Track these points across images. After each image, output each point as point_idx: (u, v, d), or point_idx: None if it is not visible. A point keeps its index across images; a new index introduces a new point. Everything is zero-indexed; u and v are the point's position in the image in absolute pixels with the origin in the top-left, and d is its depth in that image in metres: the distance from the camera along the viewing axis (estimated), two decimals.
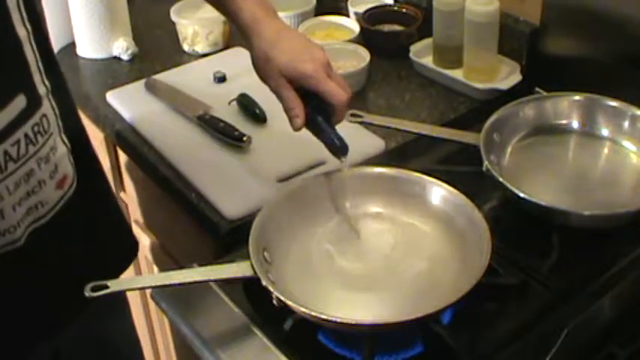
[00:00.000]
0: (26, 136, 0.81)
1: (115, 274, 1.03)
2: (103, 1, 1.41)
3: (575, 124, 1.14)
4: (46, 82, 0.85)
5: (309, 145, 1.00)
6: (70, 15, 1.44)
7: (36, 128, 0.82)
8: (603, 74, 1.19)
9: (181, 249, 1.30)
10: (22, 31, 0.80)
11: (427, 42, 1.38)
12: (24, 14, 0.80)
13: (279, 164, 1.13)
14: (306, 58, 0.95)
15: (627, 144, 1.11)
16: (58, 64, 0.94)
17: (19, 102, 0.80)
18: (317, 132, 0.99)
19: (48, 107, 0.85)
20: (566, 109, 1.14)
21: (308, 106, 0.97)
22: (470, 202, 0.95)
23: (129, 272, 1.43)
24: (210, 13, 1.46)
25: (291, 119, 0.97)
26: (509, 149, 1.11)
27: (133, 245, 1.11)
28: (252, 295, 0.92)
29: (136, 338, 1.21)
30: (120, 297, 1.13)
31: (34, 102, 0.82)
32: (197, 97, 1.29)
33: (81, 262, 0.94)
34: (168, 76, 1.36)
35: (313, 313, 0.82)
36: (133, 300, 1.40)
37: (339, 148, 0.98)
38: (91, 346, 1.05)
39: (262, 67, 0.98)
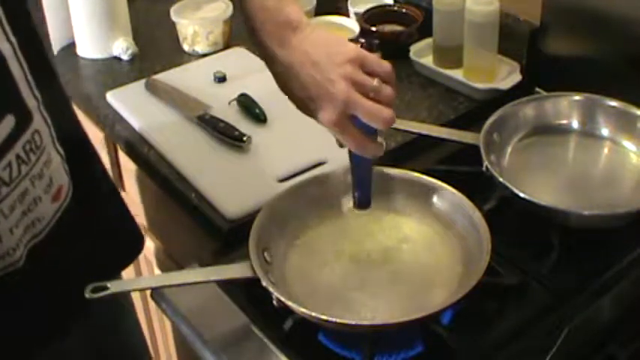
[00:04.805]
0: (18, 157, 0.77)
1: (120, 269, 1.02)
2: (103, 1, 1.41)
3: (575, 124, 1.14)
4: (37, 94, 0.80)
5: (309, 145, 1.00)
6: (70, 15, 1.44)
7: (27, 146, 0.78)
8: (603, 74, 1.19)
9: (181, 249, 1.30)
10: (6, 45, 0.75)
11: (427, 42, 1.38)
12: (7, 28, 0.75)
13: (279, 164, 1.13)
14: (322, 101, 0.84)
15: (627, 144, 1.11)
16: (51, 68, 0.90)
17: (7, 123, 0.75)
18: (351, 168, 0.93)
19: (40, 120, 0.80)
20: (566, 109, 1.14)
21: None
22: (470, 202, 0.95)
23: (129, 273, 1.43)
24: (210, 13, 1.46)
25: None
26: (509, 149, 1.11)
27: (139, 239, 1.09)
28: (252, 295, 0.92)
29: (144, 347, 1.20)
30: (125, 306, 1.13)
31: (23, 119, 0.78)
32: (197, 97, 1.29)
33: (82, 266, 0.92)
34: (168, 76, 1.36)
35: (313, 314, 0.82)
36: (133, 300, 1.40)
37: (357, 200, 0.95)
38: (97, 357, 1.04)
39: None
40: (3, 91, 0.77)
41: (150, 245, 1.41)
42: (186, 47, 1.46)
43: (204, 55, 1.45)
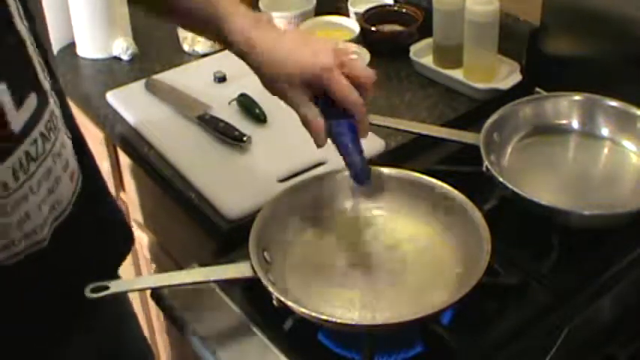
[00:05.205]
0: (42, 134, 0.81)
1: (115, 268, 1.02)
2: (103, 1, 1.41)
3: (575, 124, 1.14)
4: (48, 78, 0.84)
5: (309, 145, 1.00)
6: (70, 15, 1.45)
7: (48, 125, 0.82)
8: (603, 74, 1.19)
9: (181, 249, 1.30)
10: (22, 27, 0.80)
11: (427, 42, 1.38)
12: (20, 10, 0.80)
13: (279, 164, 1.14)
14: (317, 55, 0.91)
15: (627, 144, 1.11)
16: (52, 67, 0.92)
17: (32, 101, 0.80)
18: (337, 148, 0.94)
19: (53, 103, 0.85)
20: (566, 109, 1.14)
21: (329, 116, 0.92)
22: (470, 202, 0.95)
23: (129, 273, 1.43)
24: None
25: (312, 136, 0.94)
26: (509, 149, 1.11)
27: (130, 238, 1.10)
28: (252, 295, 0.92)
29: (147, 349, 1.20)
30: (126, 307, 1.13)
31: (43, 99, 0.82)
32: (197, 97, 1.29)
33: (89, 260, 0.93)
34: (168, 76, 1.36)
35: (313, 314, 0.82)
36: (133, 300, 1.40)
37: (355, 173, 0.95)
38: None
39: (269, 82, 0.94)
40: (26, 69, 0.81)
41: (149, 245, 1.41)
42: (186, 47, 1.46)
43: (204, 55, 1.45)
